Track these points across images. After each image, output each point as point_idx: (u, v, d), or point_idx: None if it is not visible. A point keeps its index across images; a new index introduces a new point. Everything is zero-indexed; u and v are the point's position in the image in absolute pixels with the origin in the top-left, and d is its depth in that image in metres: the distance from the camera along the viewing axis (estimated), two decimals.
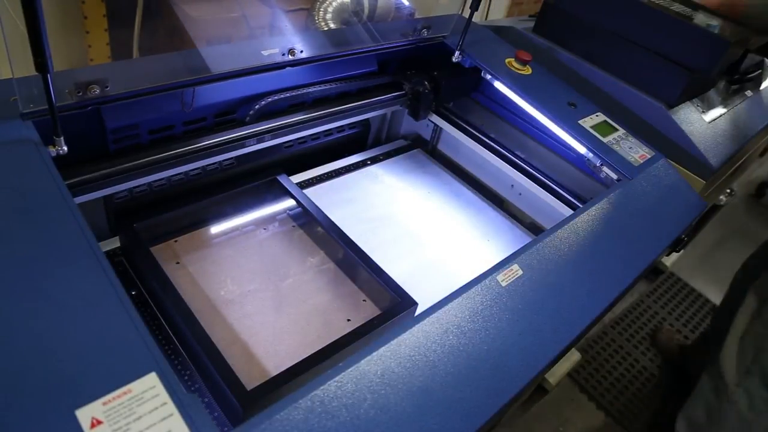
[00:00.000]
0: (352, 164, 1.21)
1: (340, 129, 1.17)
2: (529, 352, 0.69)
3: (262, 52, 0.93)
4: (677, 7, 1.29)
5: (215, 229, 0.96)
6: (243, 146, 0.94)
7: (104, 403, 0.44)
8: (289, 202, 1.01)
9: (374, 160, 1.24)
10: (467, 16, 1.11)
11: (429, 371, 0.61)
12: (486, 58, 1.17)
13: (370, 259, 0.88)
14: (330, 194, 1.11)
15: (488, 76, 1.16)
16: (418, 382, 0.59)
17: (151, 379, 0.47)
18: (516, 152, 1.17)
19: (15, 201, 0.59)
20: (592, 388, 1.71)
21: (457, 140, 1.23)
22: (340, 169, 1.18)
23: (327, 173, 1.16)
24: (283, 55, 0.93)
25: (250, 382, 0.67)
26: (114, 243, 0.87)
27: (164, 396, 0.46)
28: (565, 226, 0.87)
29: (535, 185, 1.13)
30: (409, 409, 0.57)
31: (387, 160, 1.25)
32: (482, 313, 0.70)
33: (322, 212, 0.96)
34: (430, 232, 1.07)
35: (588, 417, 1.65)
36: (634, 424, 1.65)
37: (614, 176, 1.01)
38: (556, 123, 1.07)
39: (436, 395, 0.59)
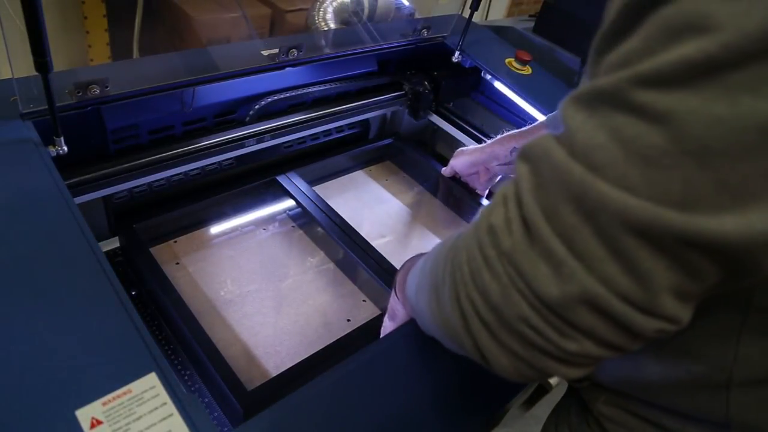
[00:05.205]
0: None
1: (340, 129, 1.17)
2: None
3: (262, 52, 0.93)
4: None
5: (215, 229, 0.96)
6: (243, 146, 0.94)
7: (104, 403, 0.44)
8: (289, 202, 1.01)
9: None
10: (467, 16, 1.11)
11: (430, 371, 0.61)
12: (486, 58, 1.16)
13: (371, 259, 0.87)
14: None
15: (488, 76, 1.16)
16: (419, 382, 0.59)
17: (151, 379, 0.47)
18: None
19: (15, 201, 0.59)
20: None
21: (456, 140, 1.23)
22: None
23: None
24: (283, 55, 0.93)
25: (251, 382, 0.67)
26: (114, 243, 0.87)
27: (164, 396, 0.46)
28: None
29: None
30: (409, 409, 0.57)
31: None
32: None
33: (322, 212, 0.96)
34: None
35: None
36: None
37: None
38: None
39: (436, 395, 0.59)
